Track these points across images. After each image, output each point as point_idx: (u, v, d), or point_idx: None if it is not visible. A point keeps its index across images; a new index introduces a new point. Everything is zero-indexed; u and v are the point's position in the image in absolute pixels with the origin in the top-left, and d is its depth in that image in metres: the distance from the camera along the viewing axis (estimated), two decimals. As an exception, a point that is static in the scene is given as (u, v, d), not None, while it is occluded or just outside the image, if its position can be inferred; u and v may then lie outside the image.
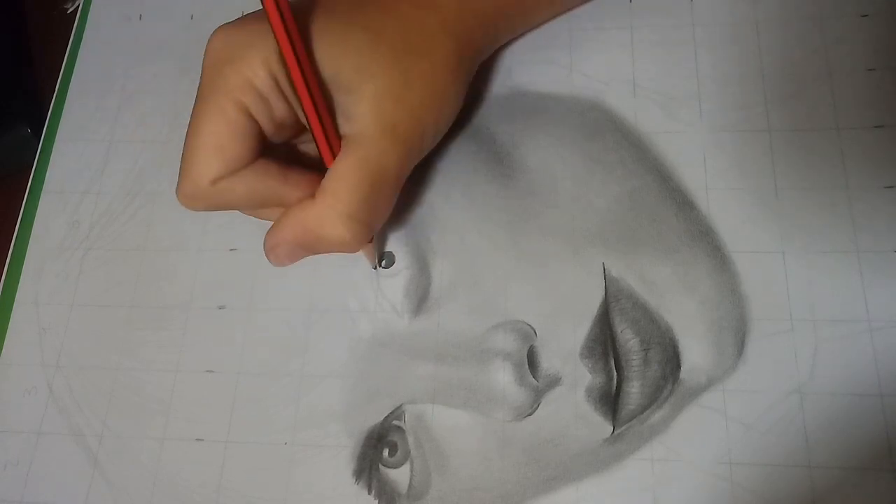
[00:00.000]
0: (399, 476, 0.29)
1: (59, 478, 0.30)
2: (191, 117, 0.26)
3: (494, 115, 0.33)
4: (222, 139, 0.25)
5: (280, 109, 0.26)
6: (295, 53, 0.23)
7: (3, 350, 0.33)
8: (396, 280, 0.31)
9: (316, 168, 0.27)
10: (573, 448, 0.28)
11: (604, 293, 0.30)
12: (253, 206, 0.28)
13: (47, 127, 0.37)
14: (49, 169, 0.36)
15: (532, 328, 0.30)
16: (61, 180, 0.36)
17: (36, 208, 0.35)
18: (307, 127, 0.26)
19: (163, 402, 0.31)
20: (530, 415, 0.29)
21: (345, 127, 0.26)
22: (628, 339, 0.29)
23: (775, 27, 0.33)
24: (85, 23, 0.39)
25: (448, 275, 0.31)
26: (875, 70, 0.32)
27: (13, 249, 0.35)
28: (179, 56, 0.37)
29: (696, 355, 0.29)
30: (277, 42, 0.23)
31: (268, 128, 0.26)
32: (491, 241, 0.31)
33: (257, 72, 0.25)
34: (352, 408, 0.30)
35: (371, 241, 0.30)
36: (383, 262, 0.32)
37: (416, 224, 0.32)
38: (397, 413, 0.30)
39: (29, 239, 0.35)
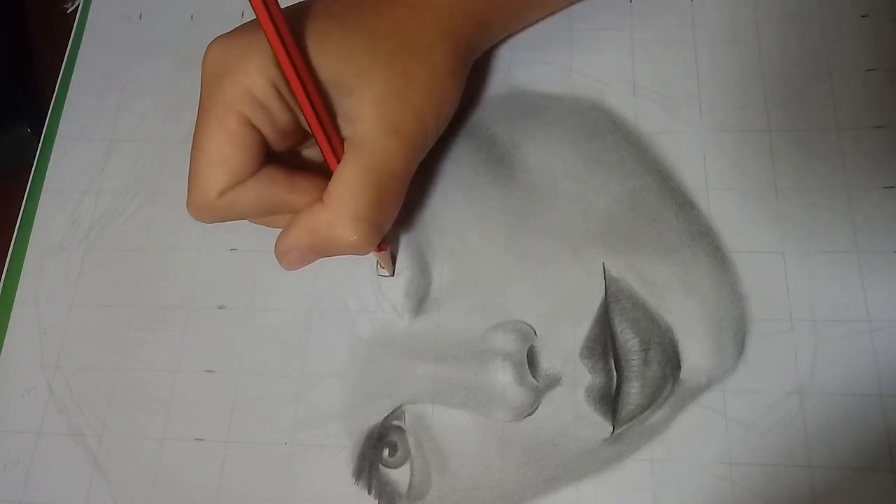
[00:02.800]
0: (399, 476, 0.29)
1: (59, 478, 0.30)
2: (194, 132, 0.26)
3: (494, 115, 0.33)
4: (225, 152, 0.25)
5: (281, 117, 0.26)
6: (290, 58, 0.23)
7: (3, 350, 0.33)
8: (396, 280, 0.31)
9: (321, 172, 0.27)
10: (573, 448, 0.28)
11: (604, 293, 0.30)
12: (262, 214, 0.28)
13: (47, 127, 0.37)
14: (49, 169, 0.36)
15: (532, 328, 0.30)
16: (61, 180, 0.36)
17: (36, 208, 0.35)
18: (309, 132, 0.26)
19: (163, 402, 0.31)
20: (530, 415, 0.29)
21: (347, 129, 0.26)
22: (628, 339, 0.29)
23: (775, 27, 0.33)
24: (85, 23, 0.39)
25: (448, 275, 0.31)
26: (875, 70, 0.32)
27: (13, 249, 0.35)
28: (179, 56, 0.37)
29: (696, 355, 0.29)
30: (272, 47, 0.23)
31: (271, 136, 0.26)
32: (491, 241, 0.31)
33: (255, 80, 0.25)
34: (352, 408, 0.30)
35: (385, 248, 0.30)
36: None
37: (417, 224, 0.32)
38: (397, 413, 0.30)
39: (29, 239, 0.35)
